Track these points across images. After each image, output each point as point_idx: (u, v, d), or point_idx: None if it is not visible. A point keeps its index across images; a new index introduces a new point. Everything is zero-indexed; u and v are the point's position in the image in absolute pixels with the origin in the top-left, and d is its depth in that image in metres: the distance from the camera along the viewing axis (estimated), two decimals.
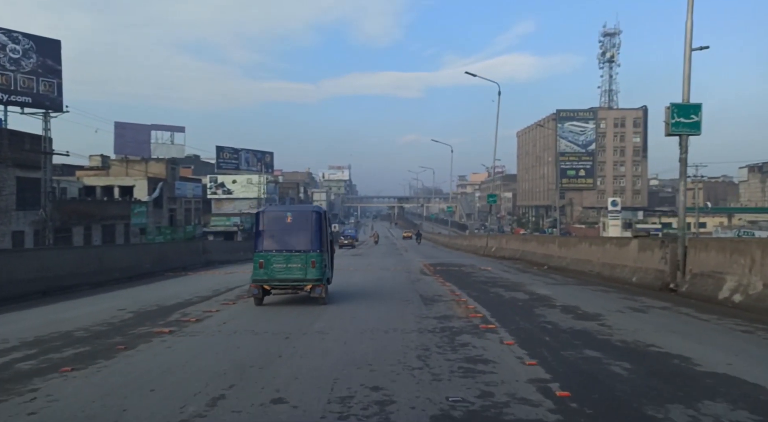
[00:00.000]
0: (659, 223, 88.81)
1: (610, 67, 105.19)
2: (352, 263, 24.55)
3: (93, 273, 15.49)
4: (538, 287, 13.68)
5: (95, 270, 15.72)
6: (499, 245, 29.69)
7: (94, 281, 15.37)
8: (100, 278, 15.71)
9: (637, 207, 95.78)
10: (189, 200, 54.78)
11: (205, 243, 25.73)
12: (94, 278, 15.37)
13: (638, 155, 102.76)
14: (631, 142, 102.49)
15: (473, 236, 43.37)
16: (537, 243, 22.69)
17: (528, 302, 10.90)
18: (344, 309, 10.39)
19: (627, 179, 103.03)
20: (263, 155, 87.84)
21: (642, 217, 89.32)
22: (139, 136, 49.87)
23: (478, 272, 18.66)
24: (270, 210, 12.39)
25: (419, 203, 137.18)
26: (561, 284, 14.46)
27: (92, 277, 15.29)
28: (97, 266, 15.94)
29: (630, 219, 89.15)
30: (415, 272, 19.10)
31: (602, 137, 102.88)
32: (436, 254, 34.67)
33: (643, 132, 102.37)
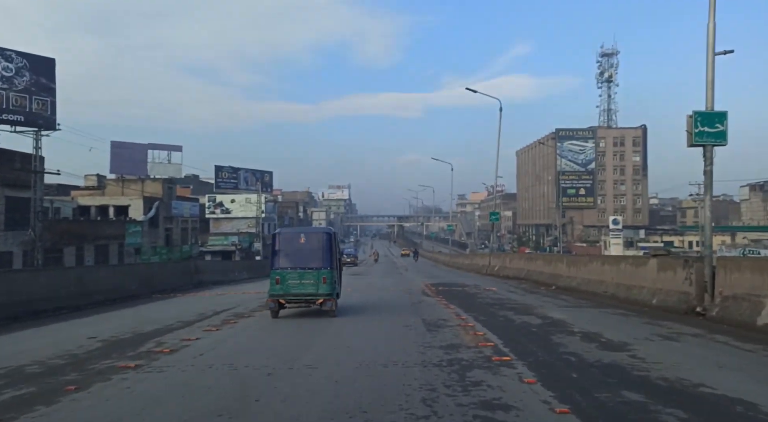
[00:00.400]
0: (661, 241, 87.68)
1: (609, 87, 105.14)
2: (351, 282, 23.43)
3: (71, 296, 14.37)
4: (550, 310, 12.57)
5: (74, 293, 14.61)
6: (502, 263, 28.57)
7: (73, 304, 14.26)
8: (79, 301, 14.60)
9: (638, 225, 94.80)
10: (186, 219, 53.76)
11: (197, 263, 24.61)
12: (73, 302, 14.25)
13: (638, 174, 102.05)
14: (631, 161, 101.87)
15: (475, 254, 42.31)
16: (543, 262, 21.59)
17: (542, 328, 9.80)
18: (339, 336, 9.31)
19: (627, 197, 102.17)
20: (262, 174, 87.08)
21: (643, 235, 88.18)
22: (135, 155, 49.05)
23: (483, 293, 17.53)
24: (285, 231, 13.21)
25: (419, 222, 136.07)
26: (574, 306, 13.34)
27: (70, 300, 14.18)
28: (76, 289, 14.83)
29: (631, 238, 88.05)
30: (417, 293, 17.98)
31: (602, 155, 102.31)
32: (437, 274, 33.52)
33: (643, 151, 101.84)
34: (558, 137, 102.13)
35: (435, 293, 17.56)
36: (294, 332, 9.97)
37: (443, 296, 16.29)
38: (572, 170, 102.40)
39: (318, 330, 10.05)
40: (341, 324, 10.85)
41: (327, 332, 9.82)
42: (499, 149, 33.23)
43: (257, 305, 14.73)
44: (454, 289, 19.51)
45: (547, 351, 7.65)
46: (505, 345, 8.05)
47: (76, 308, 14.27)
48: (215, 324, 10.96)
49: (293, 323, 11.17)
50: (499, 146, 32.86)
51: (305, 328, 10.28)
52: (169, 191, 50.23)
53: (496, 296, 16.33)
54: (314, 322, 11.17)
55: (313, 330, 10.23)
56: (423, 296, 17.03)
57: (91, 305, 15.06)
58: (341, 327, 10.37)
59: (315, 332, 9.85)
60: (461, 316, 11.49)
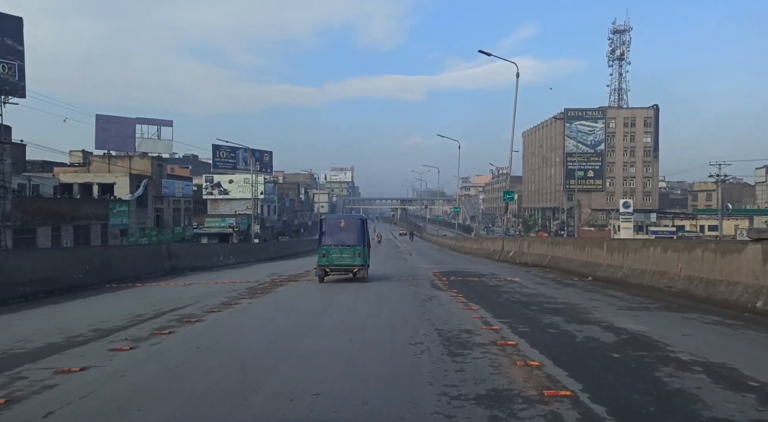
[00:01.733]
0: (672, 226, 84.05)
1: (620, 65, 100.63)
2: None
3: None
4: (610, 313, 9.08)
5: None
6: (518, 249, 25.05)
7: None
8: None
9: (648, 209, 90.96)
10: (178, 199, 50.35)
11: (170, 247, 21.14)
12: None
13: (649, 156, 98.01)
14: (642, 142, 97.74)
15: (484, 238, 38.77)
16: (574, 247, 18.04)
17: (625, 351, 6.27)
18: (303, 369, 5.76)
19: (637, 180, 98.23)
20: (262, 154, 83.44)
21: (655, 219, 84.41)
22: (122, 130, 45.48)
23: (507, 286, 14.05)
24: (329, 217, 17.80)
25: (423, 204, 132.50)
26: (640, 308, 9.83)
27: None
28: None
29: (642, 221, 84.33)
30: (425, 285, 14.51)
31: (612, 137, 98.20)
32: (445, 259, 30.09)
33: (654, 132, 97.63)
34: (566, 116, 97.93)
35: (447, 286, 14.09)
36: (224, 382, 6.53)
37: (458, 290, 12.82)
38: (580, 152, 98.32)
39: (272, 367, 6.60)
40: (318, 339, 7.43)
41: (287, 363, 6.36)
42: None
43: (224, 299, 11.34)
44: (469, 280, 16.02)
45: (675, 415, 4.15)
46: (593, 397, 4.53)
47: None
48: (141, 335, 7.50)
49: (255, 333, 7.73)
50: (515, 117, 29.11)
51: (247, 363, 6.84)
52: (159, 168, 46.75)
53: (525, 291, 12.84)
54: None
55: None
56: (433, 289, 13.56)
57: (12, 299, 11.68)
58: (317, 346, 6.92)
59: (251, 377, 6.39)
60: (491, 325, 8.00)
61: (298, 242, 54.76)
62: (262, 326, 8.64)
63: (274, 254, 35.87)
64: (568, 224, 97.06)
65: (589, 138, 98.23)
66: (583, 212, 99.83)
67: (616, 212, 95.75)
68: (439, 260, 28.40)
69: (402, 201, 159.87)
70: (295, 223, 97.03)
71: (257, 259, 31.05)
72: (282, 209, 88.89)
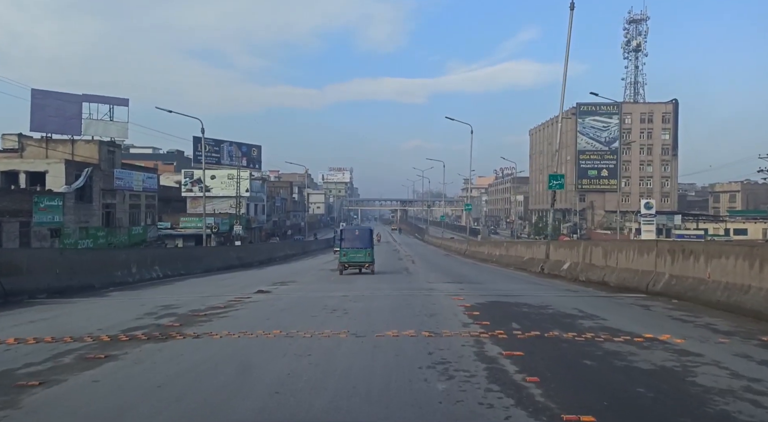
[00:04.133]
0: (697, 228, 75.31)
1: (636, 57, 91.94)
2: (315, 297, 11.55)
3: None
4: None
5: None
6: (581, 259, 16.05)
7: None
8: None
9: (666, 211, 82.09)
10: (137, 194, 41.57)
11: (10, 256, 12.39)
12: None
13: (667, 154, 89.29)
14: (660, 139, 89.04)
15: (511, 242, 29.23)
16: (744, 258, 9.18)
17: None
18: None
19: (655, 180, 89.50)
20: (249, 148, 74.63)
21: (680, 222, 75.52)
22: (65, 109, 36.68)
23: (669, 360, 5.28)
24: (347, 228, 27.39)
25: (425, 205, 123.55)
26: None
27: None
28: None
29: (664, 224, 75.52)
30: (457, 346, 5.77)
31: (627, 133, 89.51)
32: (462, 271, 21.40)
33: (673, 128, 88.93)
34: (579, 112, 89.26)
35: (509, 350, 5.34)
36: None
37: (560, 385, 4.06)
38: (594, 149, 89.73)
39: None
40: None
41: None
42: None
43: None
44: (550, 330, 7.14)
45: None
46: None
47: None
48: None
49: None
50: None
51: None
52: (110, 155, 38.00)
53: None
54: None
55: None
56: (481, 363, 4.83)
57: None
58: None
59: None
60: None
61: (279, 245, 45.64)
62: None
63: (236, 261, 27.07)
64: (581, 227, 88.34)
65: (603, 135, 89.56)
66: (597, 213, 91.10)
67: (632, 214, 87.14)
68: (455, 273, 19.64)
69: (402, 202, 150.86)
70: (287, 224, 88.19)
71: (206, 269, 22.30)
72: (272, 208, 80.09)
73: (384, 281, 15.82)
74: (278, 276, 18.75)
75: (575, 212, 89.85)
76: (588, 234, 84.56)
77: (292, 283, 15.42)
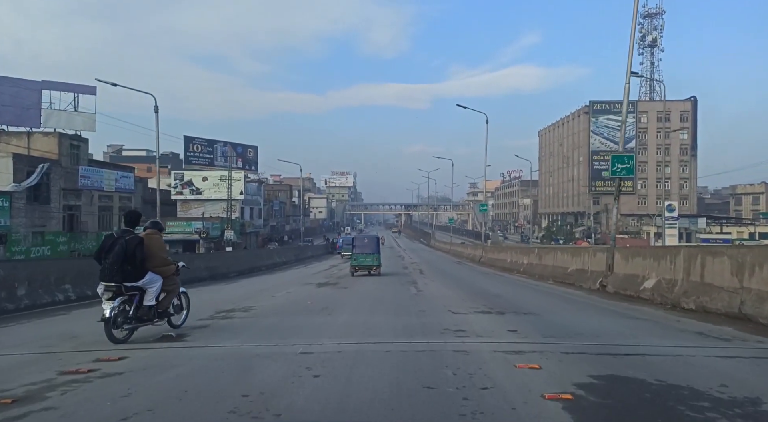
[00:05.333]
0: (721, 232, 69.64)
1: (652, 53, 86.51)
2: (245, 356, 6.13)
3: None
4: None
5: None
6: (689, 276, 10.54)
7: None
8: None
9: (688, 214, 76.35)
10: (108, 195, 36.37)
11: None
12: None
13: (686, 155, 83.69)
14: (678, 139, 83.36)
15: (548, 248, 22.40)
16: None
17: None
18: None
19: (672, 182, 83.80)
20: (245, 149, 69.48)
21: (704, 225, 69.72)
22: (23, 97, 31.58)
23: None
24: (358, 236, 29.50)
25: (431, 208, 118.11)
26: None
27: None
28: None
29: (687, 228, 69.80)
30: None
31: (643, 133, 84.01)
32: (486, 286, 15.99)
33: (692, 128, 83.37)
34: (592, 110, 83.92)
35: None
36: None
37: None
38: (608, 150, 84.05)
39: None
40: None
41: None
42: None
43: None
44: None
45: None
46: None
47: None
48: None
49: None
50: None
51: None
52: (74, 151, 32.85)
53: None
54: None
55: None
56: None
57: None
58: None
59: None
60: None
61: (266, 252, 40.13)
62: None
63: (205, 273, 21.59)
64: (596, 231, 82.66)
65: (617, 134, 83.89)
66: (611, 217, 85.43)
67: (649, 217, 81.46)
68: (481, 291, 14.17)
69: (406, 207, 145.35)
70: (286, 229, 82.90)
71: None
72: (269, 212, 74.87)
73: (382, 309, 10.47)
74: (237, 298, 13.42)
75: (589, 216, 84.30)
76: (603, 239, 78.94)
77: (242, 313, 10.06)
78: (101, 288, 6.35)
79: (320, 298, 13.02)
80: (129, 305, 6.51)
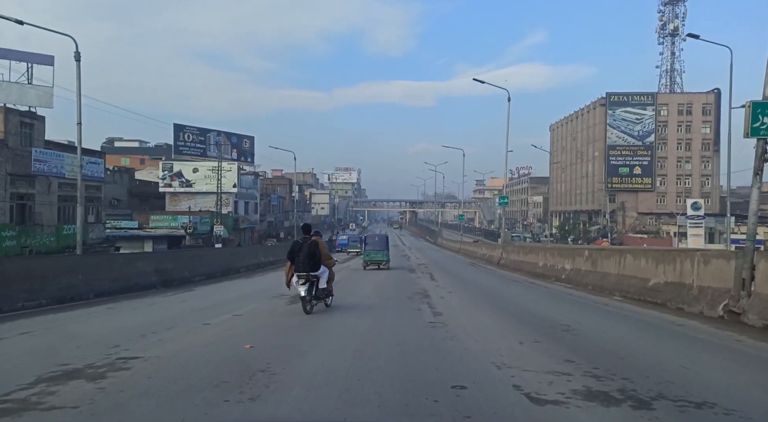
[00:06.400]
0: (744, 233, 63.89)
1: (672, 43, 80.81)
2: None
3: None
4: None
5: None
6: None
7: None
8: None
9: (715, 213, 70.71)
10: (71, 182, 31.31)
11: None
12: None
13: (708, 150, 78.03)
14: (700, 133, 77.80)
15: (608, 251, 15.70)
16: None
17: None
18: None
19: (694, 178, 78.22)
20: (240, 139, 64.39)
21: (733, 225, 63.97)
22: None
23: None
24: (369, 234, 37.22)
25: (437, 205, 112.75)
26: None
27: None
28: None
29: (712, 228, 64.21)
30: None
31: (663, 127, 78.41)
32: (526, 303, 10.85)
33: (715, 121, 77.63)
34: (609, 103, 78.35)
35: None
36: None
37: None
38: (626, 144, 78.67)
39: None
40: None
41: None
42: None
43: None
44: None
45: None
46: None
47: None
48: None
49: None
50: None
51: None
52: (27, 130, 27.80)
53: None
54: None
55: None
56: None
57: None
58: None
59: None
60: None
61: (248, 250, 34.82)
62: None
63: (155, 277, 16.37)
64: (612, 230, 77.22)
65: (636, 128, 78.47)
66: (629, 215, 79.91)
67: (669, 216, 75.95)
68: (538, 318, 8.94)
69: (411, 204, 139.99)
70: (285, 225, 77.80)
71: (71, 295, 11.91)
72: (267, 207, 69.81)
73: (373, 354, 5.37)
74: (145, 326, 8.23)
75: (604, 214, 78.81)
76: (620, 238, 73.48)
77: (75, 389, 4.88)
78: (295, 278, 9.22)
79: (272, 335, 7.80)
80: (312, 288, 9.26)
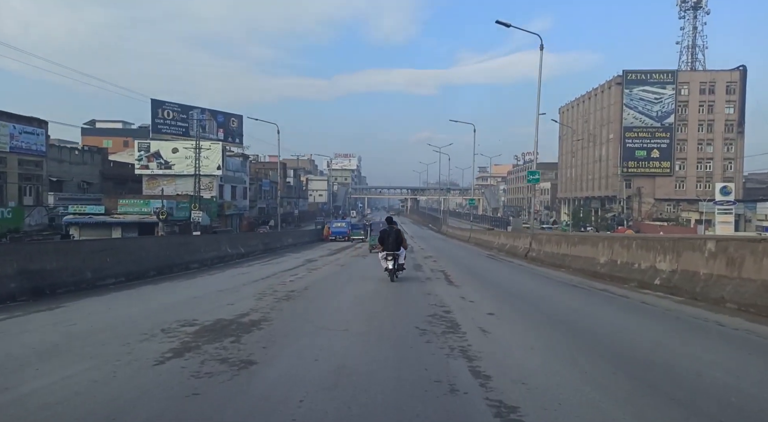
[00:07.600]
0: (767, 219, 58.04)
1: (695, 16, 74.24)
2: None
3: None
4: None
5: None
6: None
7: None
8: None
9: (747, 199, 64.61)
10: (1, 157, 25.38)
11: None
12: None
13: (731, 132, 71.82)
14: (723, 114, 71.52)
15: (747, 242, 9.93)
16: None
17: None
18: None
19: (716, 162, 72.12)
20: (227, 117, 58.27)
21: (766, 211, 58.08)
22: None
23: None
24: (374, 222, 41.97)
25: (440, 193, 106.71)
26: None
27: None
28: None
29: (741, 214, 58.28)
30: None
31: (683, 107, 72.15)
32: (652, 347, 5.09)
33: (740, 101, 71.39)
34: (626, 81, 72.01)
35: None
36: None
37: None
38: (643, 126, 72.45)
39: None
40: None
41: None
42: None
43: None
44: None
45: None
46: None
47: None
48: None
49: None
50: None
51: None
52: None
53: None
54: None
55: None
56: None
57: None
58: None
59: None
60: None
61: (209, 239, 24.93)
62: None
63: (30, 281, 10.53)
64: (628, 217, 71.42)
65: (654, 108, 72.18)
66: (645, 202, 73.88)
67: (689, 202, 70.09)
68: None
69: (412, 191, 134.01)
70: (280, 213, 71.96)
71: None
72: (257, 193, 63.90)
73: None
74: None
75: (619, 200, 72.83)
76: (636, 226, 67.67)
77: None
78: (383, 254, 12.35)
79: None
80: (395, 263, 12.15)
